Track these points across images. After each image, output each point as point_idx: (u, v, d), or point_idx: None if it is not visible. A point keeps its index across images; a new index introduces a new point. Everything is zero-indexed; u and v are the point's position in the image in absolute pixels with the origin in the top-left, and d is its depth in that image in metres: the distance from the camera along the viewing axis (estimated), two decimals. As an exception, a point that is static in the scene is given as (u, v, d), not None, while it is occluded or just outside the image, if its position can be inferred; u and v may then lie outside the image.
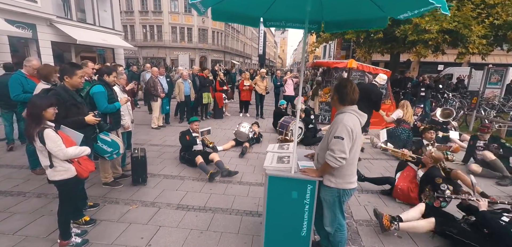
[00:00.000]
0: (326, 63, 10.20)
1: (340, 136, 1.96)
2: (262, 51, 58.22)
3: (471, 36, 8.23)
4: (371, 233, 3.23)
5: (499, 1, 8.40)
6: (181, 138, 5.06)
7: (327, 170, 2.12)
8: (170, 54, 32.80)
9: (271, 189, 2.31)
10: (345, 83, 2.05)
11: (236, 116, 9.67)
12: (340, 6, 2.17)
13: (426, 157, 3.92)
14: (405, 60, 16.23)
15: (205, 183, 4.33)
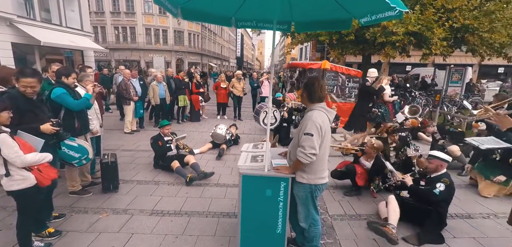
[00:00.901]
0: (301, 64, 10.43)
1: (309, 132, 2.01)
2: (239, 54, 58.24)
3: (433, 38, 8.82)
4: (345, 226, 3.33)
5: (457, 6, 9.08)
6: (153, 145, 4.87)
7: (299, 166, 2.16)
8: (145, 57, 31.81)
9: (245, 188, 2.31)
10: (313, 82, 2.12)
11: (214, 119, 9.57)
12: (308, 7, 2.24)
13: (368, 147, 4.17)
14: (376, 61, 17.01)
15: (181, 187, 4.24)
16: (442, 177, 3.14)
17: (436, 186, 3.07)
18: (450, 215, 3.53)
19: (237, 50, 57.86)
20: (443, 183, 3.06)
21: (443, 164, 3.21)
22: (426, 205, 3.14)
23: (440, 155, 3.26)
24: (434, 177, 3.22)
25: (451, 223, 3.32)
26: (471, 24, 9.04)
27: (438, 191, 3.03)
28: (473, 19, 9.08)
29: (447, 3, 8.93)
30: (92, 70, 5.30)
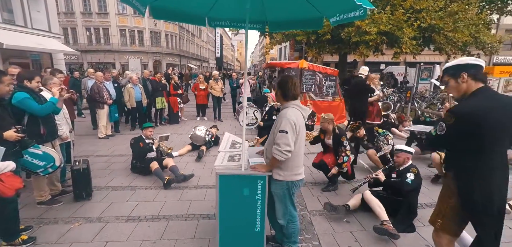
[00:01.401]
0: (279, 64, 10.56)
1: (284, 129, 2.05)
2: (219, 54, 57.79)
3: (404, 38, 9.29)
4: (323, 221, 3.41)
5: (424, 7, 9.62)
6: (134, 145, 4.73)
7: (275, 163, 2.19)
8: (120, 59, 30.63)
9: (222, 188, 2.30)
10: (286, 80, 2.15)
11: (193, 121, 9.43)
12: (281, 6, 2.27)
13: (324, 123, 4.24)
14: (352, 60, 17.58)
15: (159, 191, 4.13)
16: (410, 167, 3.37)
17: (407, 176, 3.27)
18: (421, 205, 3.72)
19: (216, 51, 57.36)
20: (412, 172, 3.28)
21: (409, 156, 3.45)
22: (397, 197, 3.33)
23: (405, 148, 3.50)
24: (403, 169, 3.43)
25: (421, 213, 3.50)
26: (437, 24, 9.62)
27: (410, 180, 3.24)
28: (438, 19, 9.67)
29: (415, 4, 9.45)
30: (63, 75, 5.02)
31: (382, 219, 3.11)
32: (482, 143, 1.80)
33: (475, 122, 1.77)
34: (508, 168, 1.85)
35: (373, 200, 3.32)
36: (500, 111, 1.76)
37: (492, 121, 1.74)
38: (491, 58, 24.65)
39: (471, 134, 1.81)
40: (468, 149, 1.87)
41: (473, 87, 1.85)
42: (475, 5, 10.66)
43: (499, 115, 1.75)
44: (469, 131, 1.80)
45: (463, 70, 1.87)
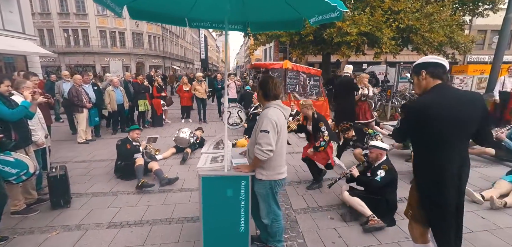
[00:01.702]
0: (264, 64, 10.62)
1: (265, 129, 2.06)
2: (204, 56, 57.25)
3: (383, 38, 9.59)
4: (307, 219, 3.46)
5: (402, 8, 9.99)
6: (121, 146, 4.63)
7: (258, 163, 2.20)
8: (100, 61, 29.70)
9: (205, 190, 2.28)
10: (267, 80, 2.18)
11: (178, 123, 9.29)
12: (261, 7, 2.29)
13: (303, 109, 4.34)
14: (335, 60, 17.95)
15: (142, 196, 4.05)
16: (382, 164, 3.41)
17: (377, 173, 3.32)
18: (400, 199, 3.85)
19: (201, 52, 56.78)
20: (382, 170, 3.32)
21: (382, 152, 3.46)
22: (375, 194, 3.37)
23: (378, 144, 3.52)
24: (376, 166, 3.47)
25: (400, 206, 3.62)
26: (414, 25, 10.01)
27: (379, 178, 3.27)
28: (415, 20, 10.06)
29: (393, 6, 9.79)
30: (37, 78, 4.81)
31: (367, 215, 3.19)
32: (431, 137, 1.88)
33: (422, 117, 1.86)
34: (466, 163, 1.91)
35: (353, 200, 3.37)
36: (450, 106, 1.82)
37: (439, 116, 1.82)
38: (466, 57, 25.88)
39: (420, 128, 1.91)
40: (421, 142, 1.98)
41: (431, 84, 1.94)
42: (449, 7, 11.17)
43: (448, 110, 1.81)
44: (418, 125, 1.91)
45: (423, 68, 1.96)
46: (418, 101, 1.93)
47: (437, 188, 1.90)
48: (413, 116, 1.93)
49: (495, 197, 3.60)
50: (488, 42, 26.46)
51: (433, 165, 1.91)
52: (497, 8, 12.90)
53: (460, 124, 1.83)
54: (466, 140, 1.93)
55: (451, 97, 1.87)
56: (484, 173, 4.77)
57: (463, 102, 1.84)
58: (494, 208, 3.53)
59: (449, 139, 1.85)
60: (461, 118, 1.82)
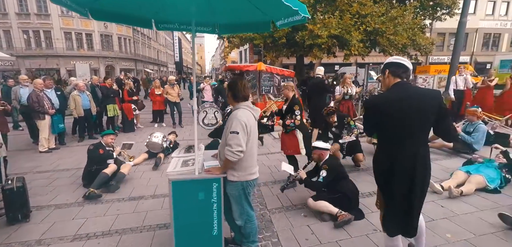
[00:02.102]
0: (237, 67, 10.63)
1: (235, 130, 2.07)
2: (178, 58, 56.06)
3: (352, 40, 10.04)
4: (282, 218, 3.50)
5: (369, 12, 10.53)
6: (93, 151, 4.40)
7: (228, 165, 2.20)
8: (65, 64, 27.92)
9: (176, 195, 2.23)
10: (236, 81, 2.19)
11: (150, 127, 8.99)
12: (229, 10, 2.30)
13: (285, 90, 4.45)
14: (308, 62, 18.44)
15: (111, 204, 3.87)
16: (324, 163, 3.53)
17: (320, 174, 3.46)
18: (369, 194, 4.04)
19: (175, 55, 55.57)
20: (324, 169, 3.45)
21: (324, 152, 3.59)
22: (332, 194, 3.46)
23: (319, 145, 3.62)
24: (320, 166, 3.60)
25: (369, 200, 3.80)
26: (380, 28, 10.60)
27: (321, 178, 3.40)
28: (381, 23, 10.66)
29: (361, 10, 10.30)
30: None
31: (334, 213, 3.29)
32: (386, 130, 2.07)
33: (377, 112, 2.06)
34: (421, 155, 2.03)
35: (318, 204, 3.42)
36: (404, 102, 1.96)
37: (393, 111, 1.99)
38: (427, 58, 27.77)
39: (376, 122, 2.11)
40: (380, 136, 2.17)
41: (392, 82, 2.08)
42: (411, 11, 11.96)
43: (402, 106, 1.96)
44: (374, 119, 2.12)
45: (387, 67, 2.11)
46: (375, 97, 2.10)
47: (387, 177, 2.08)
48: (370, 111, 2.13)
49: (453, 186, 3.90)
50: (447, 44, 28.65)
51: (386, 156, 2.09)
52: (453, 13, 14.04)
53: (413, 119, 1.96)
54: (421, 134, 2.05)
55: (406, 94, 2.00)
56: (444, 165, 5.15)
57: (419, 99, 1.98)
58: (452, 197, 3.81)
59: (402, 132, 2.00)
60: (415, 114, 1.96)
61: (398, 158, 2.01)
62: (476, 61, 28.60)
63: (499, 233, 3.03)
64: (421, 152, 2.01)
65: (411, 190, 2.03)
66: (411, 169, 1.99)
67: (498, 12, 29.25)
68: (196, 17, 2.10)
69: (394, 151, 2.04)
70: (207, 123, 7.97)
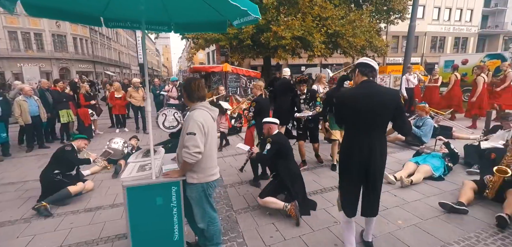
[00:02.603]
0: (202, 68, 10.49)
1: (191, 131, 2.03)
2: (142, 60, 53.54)
3: (315, 42, 10.45)
4: (248, 218, 3.52)
5: (329, 15, 11.04)
6: (69, 153, 4.11)
7: (187, 167, 2.15)
8: (11, 67, 25.20)
9: (131, 202, 2.13)
10: (190, 82, 2.15)
11: (111, 133, 8.47)
12: (183, 8, 2.25)
13: (254, 89, 4.72)
14: (275, 64, 18.81)
15: (64, 218, 3.57)
16: (269, 137, 3.63)
17: (265, 147, 3.58)
18: (332, 188, 4.22)
19: (139, 57, 52.96)
20: (268, 142, 3.55)
21: (273, 126, 3.69)
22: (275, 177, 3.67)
23: (268, 120, 3.76)
24: (266, 140, 3.70)
25: (331, 195, 3.97)
26: (340, 30, 11.19)
27: (266, 151, 3.51)
28: (341, 26, 11.25)
29: (322, 12, 10.76)
30: None
31: (281, 207, 3.37)
32: (353, 122, 2.38)
33: (345, 104, 2.40)
34: (378, 146, 2.31)
35: (265, 201, 3.45)
36: (366, 98, 2.26)
37: (359, 105, 2.28)
38: (385, 59, 29.87)
39: (341, 114, 2.49)
40: (347, 126, 2.49)
41: (360, 80, 2.38)
42: (367, 15, 12.79)
43: (367, 101, 2.25)
44: (343, 111, 2.45)
45: (357, 67, 2.43)
46: (342, 93, 2.55)
47: (347, 163, 2.43)
48: (340, 104, 2.50)
49: (404, 176, 4.24)
50: (400, 46, 31.09)
51: (352, 144, 2.38)
52: (404, 17, 15.29)
53: (376, 113, 2.26)
54: (381, 126, 2.35)
55: (371, 91, 2.30)
56: (397, 157, 5.57)
57: (381, 96, 2.28)
58: (403, 186, 4.15)
59: (366, 124, 2.30)
60: (377, 108, 2.26)
61: (361, 146, 2.30)
62: (426, 62, 31.41)
63: (442, 216, 3.35)
64: (379, 142, 2.32)
65: (370, 174, 2.33)
66: (371, 156, 2.29)
67: (442, 17, 32.52)
68: (147, 15, 2.02)
69: (359, 139, 2.33)
70: (168, 126, 7.84)
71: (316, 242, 2.97)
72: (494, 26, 35.62)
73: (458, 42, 34.07)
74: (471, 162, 4.72)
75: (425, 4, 30.90)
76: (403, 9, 14.54)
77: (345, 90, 2.52)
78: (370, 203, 2.44)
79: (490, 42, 35.59)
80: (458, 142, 5.77)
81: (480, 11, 34.01)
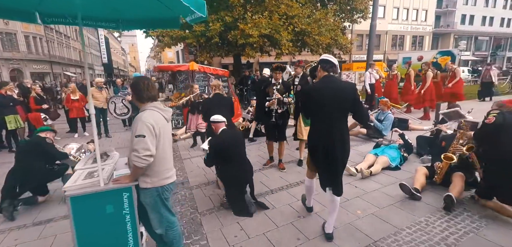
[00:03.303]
0: (168, 67, 10.17)
1: (140, 134, 1.93)
2: (106, 59, 50.59)
3: (282, 40, 10.58)
4: (212, 219, 3.45)
5: (296, 14, 11.26)
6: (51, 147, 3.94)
7: (137, 171, 2.04)
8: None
9: (77, 212, 1.97)
10: (138, 81, 2.04)
11: (68, 138, 7.86)
12: (131, 4, 2.13)
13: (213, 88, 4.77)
14: (245, 62, 18.76)
15: (5, 235, 3.24)
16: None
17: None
18: (280, 188, 4.21)
19: (102, 56, 49.97)
20: (208, 143, 3.69)
21: (218, 125, 3.65)
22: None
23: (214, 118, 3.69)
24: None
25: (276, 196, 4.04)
26: (306, 28, 11.45)
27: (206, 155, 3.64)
28: (307, 25, 11.52)
29: (288, 11, 10.93)
30: None
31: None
32: (316, 113, 2.70)
33: (309, 97, 2.73)
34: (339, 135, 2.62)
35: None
36: (328, 91, 2.58)
37: (317, 97, 2.63)
38: (351, 57, 31.22)
39: (306, 105, 2.83)
40: (312, 118, 2.81)
41: (322, 75, 2.70)
42: (332, 14, 13.24)
43: (328, 94, 2.57)
44: (307, 103, 2.77)
45: (320, 63, 2.74)
46: (308, 86, 3.05)
47: (314, 149, 2.80)
48: (304, 97, 2.84)
49: (364, 168, 4.45)
50: (364, 44, 32.70)
51: (316, 133, 2.73)
52: (366, 16, 16.06)
53: (335, 104, 2.56)
54: (341, 117, 2.64)
55: (331, 85, 2.61)
56: (359, 150, 5.83)
57: (340, 90, 2.60)
58: (364, 177, 4.35)
59: (327, 114, 2.61)
60: (337, 101, 2.56)
61: (324, 135, 2.63)
62: (388, 59, 33.38)
63: (397, 203, 3.57)
64: (340, 130, 2.63)
65: (332, 158, 2.64)
66: (334, 142, 2.59)
67: (401, 17, 34.77)
68: (87, 9, 1.87)
69: (322, 129, 2.65)
70: (119, 113, 7.87)
71: (280, 237, 3.01)
72: (446, 26, 38.92)
73: (416, 40, 36.67)
74: (422, 152, 5.08)
75: (385, 4, 32.80)
76: (365, 8, 15.27)
77: (309, 85, 2.93)
78: (334, 182, 2.75)
79: (443, 40, 38.81)
80: (413, 133, 6.20)
81: (434, 11, 36.93)
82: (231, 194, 3.52)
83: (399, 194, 3.74)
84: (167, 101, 9.48)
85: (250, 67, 20.03)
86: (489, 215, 3.18)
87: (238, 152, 3.59)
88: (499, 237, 2.79)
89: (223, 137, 3.54)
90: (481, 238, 2.79)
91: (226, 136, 3.56)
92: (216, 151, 3.46)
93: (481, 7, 40.16)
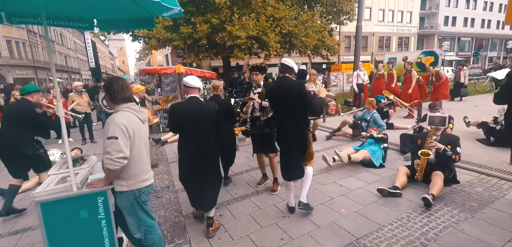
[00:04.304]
0: (154, 70, 10.05)
1: (113, 136, 1.88)
2: (94, 64, 49.53)
3: (270, 42, 10.62)
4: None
5: (282, 16, 11.33)
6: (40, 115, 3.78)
7: (111, 175, 1.98)
8: None
9: (48, 219, 1.90)
10: (111, 82, 1.99)
11: (50, 144, 7.62)
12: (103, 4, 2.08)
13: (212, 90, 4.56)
14: (234, 64, 18.76)
15: (-20, 245, 3.10)
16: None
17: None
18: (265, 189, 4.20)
19: (89, 60, 48.90)
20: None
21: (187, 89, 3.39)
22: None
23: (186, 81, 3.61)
24: None
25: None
26: (293, 30, 11.54)
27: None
28: (294, 26, 11.62)
29: (275, 13, 10.99)
30: None
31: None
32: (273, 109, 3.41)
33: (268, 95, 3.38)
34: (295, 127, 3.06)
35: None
36: (280, 90, 3.09)
37: (276, 96, 3.16)
38: (339, 58, 31.66)
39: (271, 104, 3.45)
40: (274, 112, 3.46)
41: (279, 76, 3.24)
42: (318, 15, 13.39)
43: (281, 92, 3.07)
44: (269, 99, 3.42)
45: (279, 66, 3.23)
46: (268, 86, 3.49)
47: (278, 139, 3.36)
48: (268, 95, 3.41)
49: (342, 154, 4.62)
50: (352, 45, 33.21)
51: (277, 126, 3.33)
52: (352, 18, 16.34)
53: (289, 101, 2.98)
54: (293, 111, 3.02)
55: (282, 85, 3.08)
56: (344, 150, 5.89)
57: (290, 88, 3.00)
58: (342, 161, 4.63)
59: (282, 110, 3.11)
60: (287, 97, 2.99)
61: (282, 125, 3.14)
62: (375, 60, 34.02)
63: (381, 201, 3.61)
64: (296, 122, 3.05)
65: (290, 146, 3.13)
66: (290, 132, 3.08)
67: (387, 19, 35.55)
68: (52, 10, 1.81)
69: (280, 120, 3.17)
70: (106, 104, 7.48)
71: (264, 237, 2.99)
72: (429, 27, 40.03)
73: (402, 42, 37.56)
74: (406, 150, 5.18)
75: (371, 6, 33.47)
76: (351, 10, 15.53)
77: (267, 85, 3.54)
78: (291, 170, 3.19)
79: (427, 41, 39.89)
80: (397, 132, 6.32)
81: (418, 13, 37.93)
82: (181, 176, 3.16)
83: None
84: (155, 105, 9.33)
85: (239, 70, 20.04)
86: (468, 209, 3.25)
87: (197, 128, 2.85)
88: (476, 230, 2.85)
89: (183, 104, 3.04)
90: (459, 232, 2.85)
91: (188, 104, 2.93)
92: (170, 116, 3.01)
93: (462, 9, 41.56)
